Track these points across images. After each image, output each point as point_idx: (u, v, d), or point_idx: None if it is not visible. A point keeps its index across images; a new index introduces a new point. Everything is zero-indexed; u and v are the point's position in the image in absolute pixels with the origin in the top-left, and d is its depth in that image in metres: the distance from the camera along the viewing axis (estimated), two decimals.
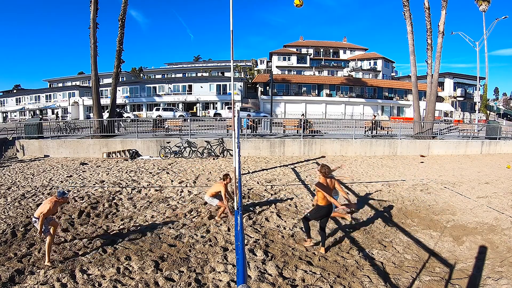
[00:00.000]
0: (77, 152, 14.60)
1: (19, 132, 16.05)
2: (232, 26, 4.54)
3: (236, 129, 5.97)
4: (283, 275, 4.39)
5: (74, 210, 6.89)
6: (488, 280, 4.30)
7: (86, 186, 9.04)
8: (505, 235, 5.69)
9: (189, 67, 60.58)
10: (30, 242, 5.33)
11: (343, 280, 4.27)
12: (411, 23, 17.21)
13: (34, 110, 47.88)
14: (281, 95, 40.94)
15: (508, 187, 9.17)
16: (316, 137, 15.44)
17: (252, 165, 12.24)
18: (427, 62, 17.57)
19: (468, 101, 44.59)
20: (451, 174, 11.03)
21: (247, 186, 9.01)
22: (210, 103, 42.10)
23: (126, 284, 4.11)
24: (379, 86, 43.32)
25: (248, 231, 5.83)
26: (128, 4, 17.20)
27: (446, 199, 7.98)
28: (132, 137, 14.97)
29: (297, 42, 55.18)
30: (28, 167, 12.02)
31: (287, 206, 7.32)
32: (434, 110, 17.99)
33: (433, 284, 4.21)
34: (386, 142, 15.28)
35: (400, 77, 54.96)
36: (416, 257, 4.99)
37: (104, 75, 44.34)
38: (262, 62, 56.96)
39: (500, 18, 26.01)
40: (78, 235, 5.64)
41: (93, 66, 16.24)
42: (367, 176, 10.66)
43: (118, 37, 17.08)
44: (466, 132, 18.30)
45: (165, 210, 6.96)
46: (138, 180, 9.72)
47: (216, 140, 14.17)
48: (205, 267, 4.54)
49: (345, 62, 53.64)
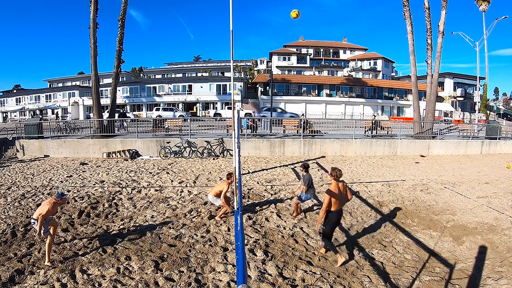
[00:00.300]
0: (77, 152, 14.60)
1: (19, 132, 16.05)
2: (232, 26, 4.54)
3: (236, 129, 5.96)
4: (283, 275, 4.39)
5: (74, 210, 6.88)
6: (488, 280, 4.30)
7: (86, 186, 9.04)
8: (505, 235, 5.69)
9: (189, 67, 60.57)
10: (30, 242, 5.33)
11: (343, 280, 4.28)
12: (411, 23, 17.21)
13: (34, 110, 47.88)
14: (281, 95, 40.93)
15: (508, 187, 9.17)
16: (316, 137, 15.44)
17: (252, 165, 12.24)
18: (427, 62, 17.56)
19: (468, 101, 44.58)
20: (451, 174, 11.03)
21: (247, 186, 9.00)
22: (210, 103, 42.09)
23: (126, 284, 4.11)
24: (379, 86, 43.31)
25: (248, 231, 5.83)
26: (128, 4, 17.21)
27: (446, 199, 7.98)
28: (132, 137, 14.97)
29: (297, 42, 55.18)
30: (28, 167, 12.02)
31: (287, 206, 7.32)
32: (434, 110, 17.98)
33: (433, 284, 4.21)
34: (386, 142, 15.28)
35: (400, 77, 54.96)
36: (416, 257, 4.99)
37: (104, 75, 44.34)
38: (262, 62, 56.97)
39: (500, 18, 26.02)
40: (78, 235, 5.64)
41: (93, 66, 16.24)
42: (367, 176, 10.66)
43: (118, 37, 17.08)
44: (466, 132, 18.30)
45: (165, 210, 6.96)
46: (138, 180, 9.72)
47: (216, 140, 14.17)
48: (205, 267, 4.54)
49: (345, 62, 53.64)
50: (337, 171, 4.65)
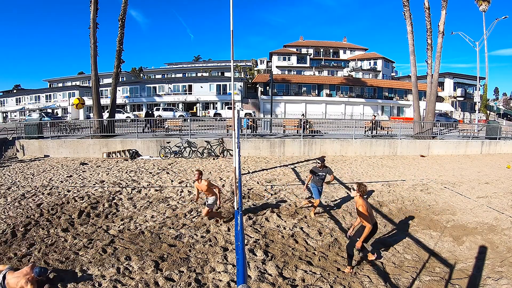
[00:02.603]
0: (77, 152, 14.60)
1: (19, 132, 16.05)
2: (232, 26, 4.54)
3: (236, 129, 5.96)
4: (283, 275, 4.39)
5: (74, 210, 6.88)
6: (488, 280, 4.30)
7: (86, 186, 9.04)
8: (505, 235, 5.69)
9: (189, 67, 60.56)
10: (30, 242, 5.33)
11: (343, 280, 4.28)
12: (411, 23, 17.21)
13: (34, 110, 47.84)
14: (281, 95, 40.93)
15: (508, 187, 9.17)
16: (316, 137, 15.44)
17: (252, 165, 12.24)
18: (427, 62, 17.56)
19: (468, 101, 44.56)
20: (451, 174, 11.03)
21: (247, 186, 9.01)
22: (210, 103, 42.08)
23: (126, 284, 4.11)
24: (379, 86, 43.30)
25: (248, 231, 5.83)
26: (128, 4, 17.18)
27: (446, 199, 7.98)
28: (132, 137, 14.97)
29: (297, 42, 55.17)
30: (28, 167, 12.02)
31: (287, 206, 7.32)
32: (434, 110, 17.98)
33: (433, 284, 4.21)
34: (386, 142, 15.28)
35: (400, 77, 54.95)
36: (416, 257, 4.99)
37: (104, 75, 44.31)
38: (262, 62, 56.96)
39: (500, 18, 26.02)
40: (78, 235, 5.64)
41: (93, 66, 16.24)
42: (367, 176, 10.66)
43: (118, 37, 17.07)
44: (466, 132, 18.30)
45: (165, 210, 6.96)
46: (138, 180, 9.72)
47: (216, 140, 14.17)
48: (205, 267, 4.54)
49: (345, 62, 53.63)
50: (364, 186, 4.50)
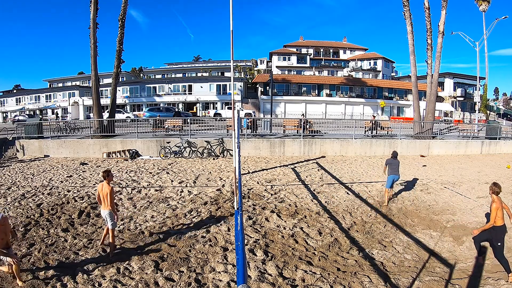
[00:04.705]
0: (77, 152, 14.60)
1: (19, 132, 16.05)
2: (232, 26, 4.54)
3: (236, 129, 5.96)
4: (283, 275, 4.39)
5: (74, 210, 6.88)
6: (488, 280, 4.30)
7: (86, 186, 9.04)
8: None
9: (189, 67, 60.55)
10: (30, 242, 5.33)
11: (343, 280, 4.28)
12: (411, 23, 17.20)
13: (34, 110, 47.86)
14: (281, 95, 40.94)
15: (508, 187, 9.17)
16: (316, 137, 15.43)
17: (252, 165, 12.24)
18: (427, 62, 17.56)
19: (468, 101, 44.57)
20: (451, 174, 11.03)
21: (247, 186, 9.01)
22: (210, 103, 42.09)
23: (126, 284, 4.11)
24: (379, 86, 43.31)
25: (248, 231, 5.83)
26: (128, 4, 17.18)
27: (446, 199, 7.98)
28: (132, 137, 14.96)
29: (297, 42, 55.17)
30: (28, 167, 12.02)
31: (287, 206, 7.32)
32: (434, 110, 17.97)
33: (433, 284, 4.21)
34: (386, 142, 15.28)
35: (400, 77, 54.96)
36: (416, 257, 4.99)
37: (104, 75, 44.32)
38: (262, 62, 56.96)
39: (500, 18, 25.98)
40: (78, 235, 5.64)
41: (93, 66, 16.24)
42: (367, 176, 10.66)
43: (118, 37, 17.07)
44: (466, 132, 18.29)
45: (165, 210, 6.96)
46: (138, 180, 9.72)
47: (216, 140, 14.17)
48: (205, 267, 4.54)
49: (345, 62, 53.63)
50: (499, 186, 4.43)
